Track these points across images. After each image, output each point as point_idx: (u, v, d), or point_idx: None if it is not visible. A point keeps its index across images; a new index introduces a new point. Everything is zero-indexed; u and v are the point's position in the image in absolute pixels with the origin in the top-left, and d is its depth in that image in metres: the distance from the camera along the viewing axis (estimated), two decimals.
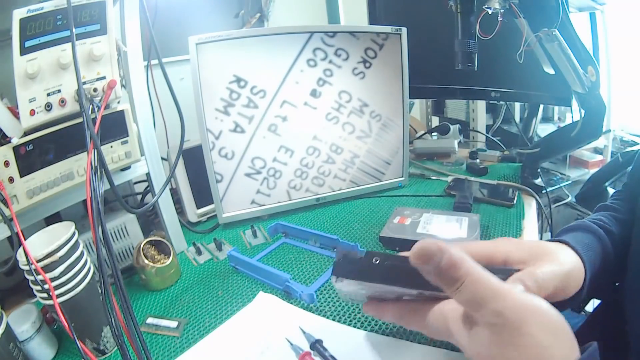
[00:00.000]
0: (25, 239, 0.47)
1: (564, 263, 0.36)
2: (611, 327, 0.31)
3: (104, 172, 0.48)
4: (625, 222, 0.46)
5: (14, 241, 0.51)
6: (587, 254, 0.38)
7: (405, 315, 0.37)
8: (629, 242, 0.43)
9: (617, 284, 0.45)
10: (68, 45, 0.53)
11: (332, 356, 0.45)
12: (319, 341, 0.47)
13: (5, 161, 0.52)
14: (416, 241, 0.30)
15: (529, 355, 0.25)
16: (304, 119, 0.83)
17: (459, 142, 1.15)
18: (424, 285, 0.31)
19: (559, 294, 0.35)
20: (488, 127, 1.23)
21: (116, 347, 0.52)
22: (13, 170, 0.53)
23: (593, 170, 0.92)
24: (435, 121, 1.42)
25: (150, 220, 0.89)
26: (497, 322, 0.26)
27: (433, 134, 1.25)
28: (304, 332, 0.49)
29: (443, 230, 0.67)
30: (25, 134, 0.54)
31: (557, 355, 0.25)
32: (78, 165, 0.58)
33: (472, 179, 0.93)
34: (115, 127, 0.61)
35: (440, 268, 0.28)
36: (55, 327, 0.58)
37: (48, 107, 0.53)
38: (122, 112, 0.62)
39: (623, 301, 0.42)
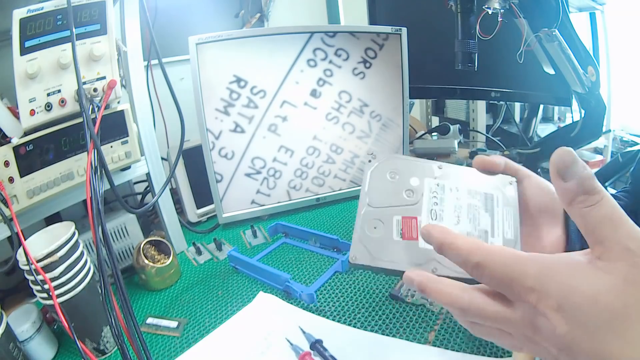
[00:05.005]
0: (25, 239, 0.47)
1: None
2: None
3: (104, 172, 0.48)
4: (626, 208, 0.45)
5: (14, 241, 0.51)
6: None
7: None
8: None
9: None
10: (68, 45, 0.53)
11: (332, 356, 0.45)
12: (319, 341, 0.47)
13: (5, 161, 0.52)
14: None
15: None
16: (304, 119, 0.83)
17: (459, 142, 1.15)
18: None
19: None
20: (488, 127, 1.23)
21: (116, 347, 0.52)
22: (13, 170, 0.53)
23: (593, 170, 0.92)
24: (435, 121, 1.42)
25: (150, 220, 0.89)
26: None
27: (433, 134, 1.25)
28: (304, 332, 0.49)
29: None
30: (25, 134, 0.54)
31: None
32: (78, 165, 0.58)
33: None
34: (115, 127, 0.61)
35: None
36: (55, 327, 0.58)
37: (48, 107, 0.53)
38: (122, 112, 0.62)
39: None
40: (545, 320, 0.21)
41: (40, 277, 0.45)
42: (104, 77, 0.56)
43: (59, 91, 0.54)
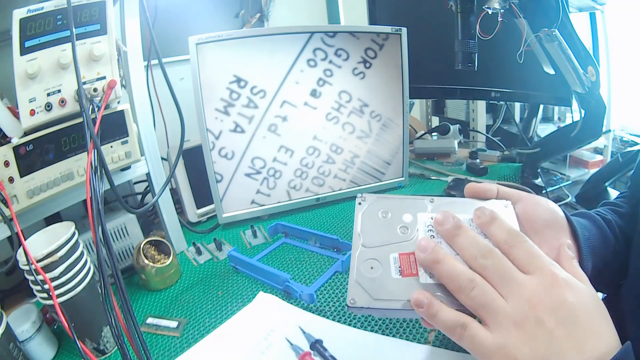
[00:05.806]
0: (25, 239, 0.47)
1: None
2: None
3: (104, 172, 0.48)
4: (627, 215, 0.45)
5: (14, 241, 0.51)
6: (586, 239, 0.38)
7: None
8: (630, 235, 0.42)
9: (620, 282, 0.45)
10: (68, 45, 0.53)
11: (332, 356, 0.45)
12: (319, 341, 0.47)
13: (5, 161, 0.52)
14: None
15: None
16: (304, 119, 0.83)
17: (459, 142, 1.15)
18: None
19: None
20: (488, 127, 1.23)
21: (116, 347, 0.53)
22: (13, 170, 0.53)
23: (593, 170, 0.92)
24: (435, 121, 1.42)
25: (150, 220, 0.89)
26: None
27: (433, 134, 1.25)
28: (304, 332, 0.49)
29: None
30: (25, 134, 0.54)
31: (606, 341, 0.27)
32: (78, 165, 0.58)
33: (472, 179, 0.93)
34: (115, 127, 0.61)
35: None
36: (55, 327, 0.58)
37: (48, 107, 0.53)
38: (122, 112, 0.62)
39: (623, 298, 0.42)
40: None
41: (40, 277, 0.45)
42: (104, 77, 0.56)
43: (59, 91, 0.54)
